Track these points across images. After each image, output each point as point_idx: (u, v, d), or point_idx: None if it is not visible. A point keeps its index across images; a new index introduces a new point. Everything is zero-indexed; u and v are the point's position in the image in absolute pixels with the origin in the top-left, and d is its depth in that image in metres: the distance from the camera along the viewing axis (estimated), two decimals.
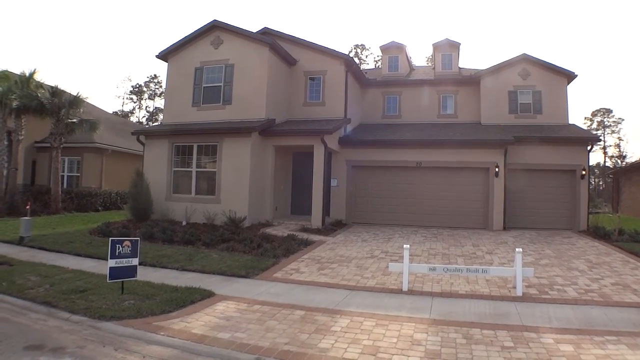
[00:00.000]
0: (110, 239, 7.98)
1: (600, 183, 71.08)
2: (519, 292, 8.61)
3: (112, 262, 7.81)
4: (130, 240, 8.11)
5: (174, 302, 7.60)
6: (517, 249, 8.94)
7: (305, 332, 6.54)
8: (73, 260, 11.26)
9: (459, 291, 8.86)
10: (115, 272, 7.86)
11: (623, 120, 71.92)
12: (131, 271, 8.06)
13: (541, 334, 6.48)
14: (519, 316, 7.36)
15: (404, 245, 9.31)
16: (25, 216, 14.00)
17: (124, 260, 7.95)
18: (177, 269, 10.43)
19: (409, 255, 9.14)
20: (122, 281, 8.02)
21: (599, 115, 72.52)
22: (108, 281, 7.87)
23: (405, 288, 8.85)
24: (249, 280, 9.66)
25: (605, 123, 72.25)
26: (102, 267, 8.95)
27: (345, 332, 6.53)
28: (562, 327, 6.84)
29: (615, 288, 9.12)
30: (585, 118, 72.94)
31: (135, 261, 8.12)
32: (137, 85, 75.50)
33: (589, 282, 9.62)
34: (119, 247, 7.89)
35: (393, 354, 5.77)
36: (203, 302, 7.84)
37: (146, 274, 9.37)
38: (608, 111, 72.33)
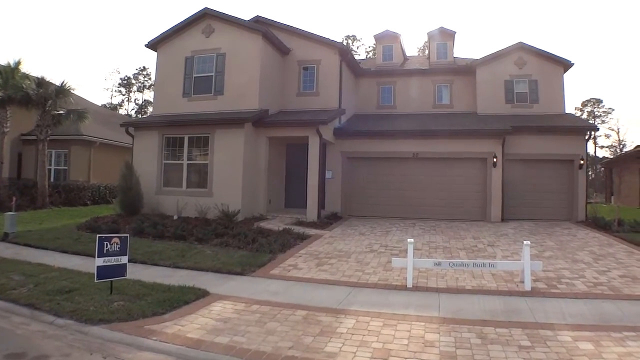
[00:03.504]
0: (98, 236, 7.47)
1: (590, 173, 71.03)
2: (527, 286, 8.26)
3: (99, 261, 7.32)
4: (119, 237, 7.62)
5: (166, 302, 7.11)
6: (525, 242, 8.60)
7: (309, 334, 6.11)
8: (60, 257, 10.78)
9: (466, 286, 8.50)
10: (103, 271, 7.37)
11: (613, 110, 71.98)
12: (120, 270, 7.57)
13: (557, 332, 6.16)
14: (531, 312, 7.02)
15: (408, 240, 8.90)
16: (10, 211, 13.46)
17: (113, 258, 7.47)
18: (169, 266, 9.95)
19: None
20: (111, 281, 7.54)
21: (589, 105, 72.34)
22: (96, 281, 7.39)
23: (409, 284, 8.46)
24: (246, 278, 9.21)
25: (596, 113, 72.15)
26: (90, 265, 8.44)
27: (352, 334, 6.11)
28: (578, 323, 6.53)
29: (624, 280, 8.84)
30: (575, 108, 72.64)
31: (124, 259, 7.64)
32: (126, 78, 74.49)
33: (596, 274, 9.32)
34: (107, 244, 7.39)
35: (406, 358, 5.37)
36: (198, 303, 7.36)
37: (136, 272, 8.90)
38: (598, 101, 72.15)
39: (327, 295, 7.97)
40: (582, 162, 18.33)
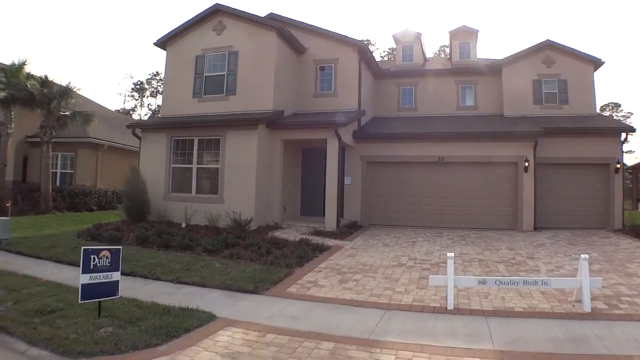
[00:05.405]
0: (83, 248, 6.29)
1: None
2: (586, 307, 7.04)
3: (85, 278, 6.14)
4: (110, 250, 6.42)
5: (163, 330, 5.89)
6: (582, 256, 7.37)
7: None
8: (52, 268, 9.75)
9: (515, 308, 7.25)
10: (89, 290, 6.18)
11: (632, 114, 69.64)
12: (110, 288, 6.38)
13: None
14: (601, 340, 5.81)
15: (448, 254, 7.62)
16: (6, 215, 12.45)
17: (102, 274, 6.28)
18: (171, 281, 8.78)
19: (443, 263, 7.54)
20: (99, 301, 6.38)
21: (607, 109, 70.40)
22: (80, 302, 6.21)
23: (450, 306, 7.20)
24: (259, 297, 7.96)
25: (615, 117, 70.21)
26: None
27: None
28: None
29: None
30: None
31: (116, 275, 6.46)
32: (139, 83, 73.83)
33: None
34: (94, 258, 6.21)
35: None
36: (201, 330, 6.12)
37: (134, 288, 7.82)
38: (617, 105, 70.29)
39: (356, 321, 6.70)
40: (618, 165, 17.06)
